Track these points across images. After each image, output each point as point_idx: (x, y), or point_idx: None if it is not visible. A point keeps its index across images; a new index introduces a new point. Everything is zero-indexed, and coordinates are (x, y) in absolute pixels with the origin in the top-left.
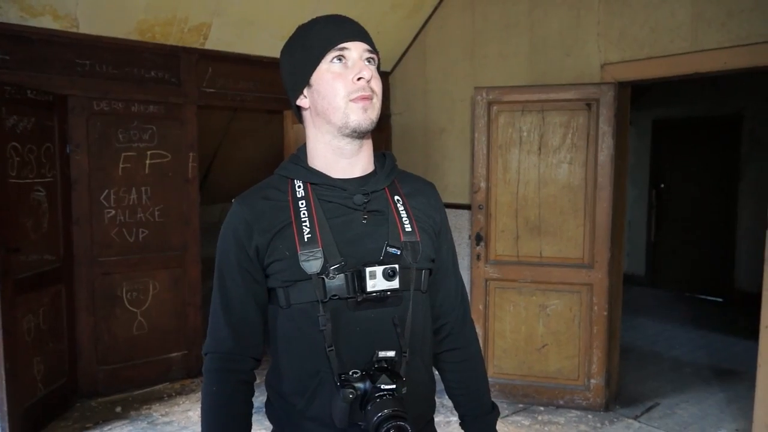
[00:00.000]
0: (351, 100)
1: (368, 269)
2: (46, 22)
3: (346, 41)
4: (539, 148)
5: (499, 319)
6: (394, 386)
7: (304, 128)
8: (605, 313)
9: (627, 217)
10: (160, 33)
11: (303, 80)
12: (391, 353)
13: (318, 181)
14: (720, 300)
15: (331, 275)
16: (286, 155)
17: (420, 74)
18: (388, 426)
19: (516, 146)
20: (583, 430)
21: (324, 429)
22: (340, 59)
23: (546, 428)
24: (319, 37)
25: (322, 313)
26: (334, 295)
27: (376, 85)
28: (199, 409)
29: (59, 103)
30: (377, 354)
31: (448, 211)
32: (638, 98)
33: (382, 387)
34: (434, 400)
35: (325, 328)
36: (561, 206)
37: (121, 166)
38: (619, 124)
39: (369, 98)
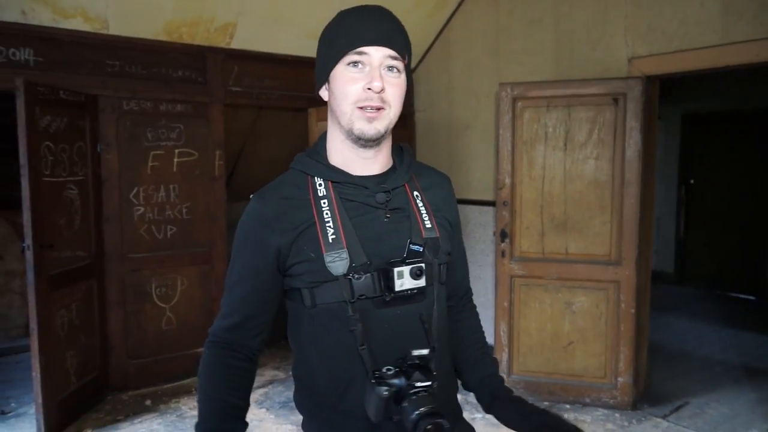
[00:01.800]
0: (358, 108)
1: (396, 269)
2: (77, 24)
3: (368, 45)
4: (565, 144)
5: (524, 316)
6: (429, 383)
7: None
8: (633, 311)
9: (655, 213)
10: (186, 33)
11: (324, 75)
12: (425, 351)
13: (340, 179)
14: (752, 298)
15: (357, 276)
16: None
17: (444, 71)
18: (427, 423)
19: (541, 142)
20: (610, 428)
21: (356, 422)
22: (356, 64)
23: None
24: (343, 35)
25: (351, 314)
26: (362, 295)
27: (393, 94)
28: None
29: (90, 103)
30: (411, 353)
31: (472, 207)
32: (668, 92)
33: (416, 384)
34: (457, 392)
35: (355, 328)
36: (587, 202)
37: (149, 164)
38: (647, 119)
39: (378, 108)
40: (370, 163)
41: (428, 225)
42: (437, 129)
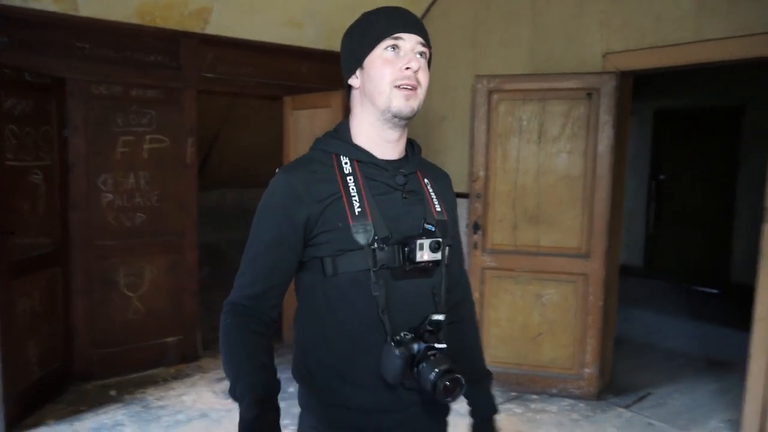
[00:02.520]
0: (395, 87)
1: (418, 241)
2: (46, 5)
3: (402, 32)
4: (539, 138)
5: (495, 307)
6: (444, 345)
7: (350, 107)
8: (601, 303)
9: (626, 207)
10: (160, 17)
11: (358, 61)
12: (441, 317)
13: (365, 159)
14: (716, 291)
15: (382, 246)
16: (285, 142)
17: None
18: (447, 379)
19: (516, 135)
20: (575, 418)
21: (364, 390)
22: (393, 48)
23: (538, 416)
24: (378, 25)
25: (374, 280)
26: (383, 265)
27: (423, 76)
28: (194, 393)
29: (57, 86)
30: (431, 317)
31: None
32: (640, 88)
33: (435, 346)
34: None
35: (378, 293)
36: (559, 196)
37: (119, 150)
38: (620, 114)
39: (413, 88)
40: (392, 148)
41: (438, 209)
42: (414, 120)
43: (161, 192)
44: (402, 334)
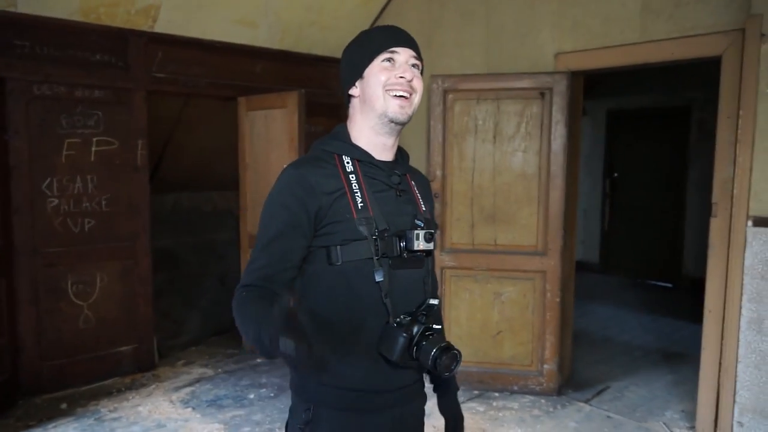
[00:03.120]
0: (392, 96)
1: (415, 232)
2: None
3: (398, 46)
4: (494, 137)
5: (455, 306)
6: (440, 326)
7: (349, 114)
8: (558, 300)
9: (582, 205)
10: (105, 14)
11: (358, 72)
12: (436, 301)
13: (365, 159)
14: (670, 285)
15: (383, 236)
16: (240, 143)
17: None
18: (447, 355)
19: (471, 135)
20: (535, 414)
21: (358, 372)
22: (390, 60)
23: (500, 414)
24: (376, 40)
25: (377, 267)
26: (384, 254)
27: (417, 83)
28: (150, 404)
29: None
30: (427, 301)
31: None
32: (593, 88)
33: (433, 326)
34: None
35: (381, 279)
36: (515, 194)
37: (64, 153)
38: (572, 113)
39: (407, 97)
40: (387, 151)
41: (424, 208)
42: None
43: (111, 196)
44: (401, 317)
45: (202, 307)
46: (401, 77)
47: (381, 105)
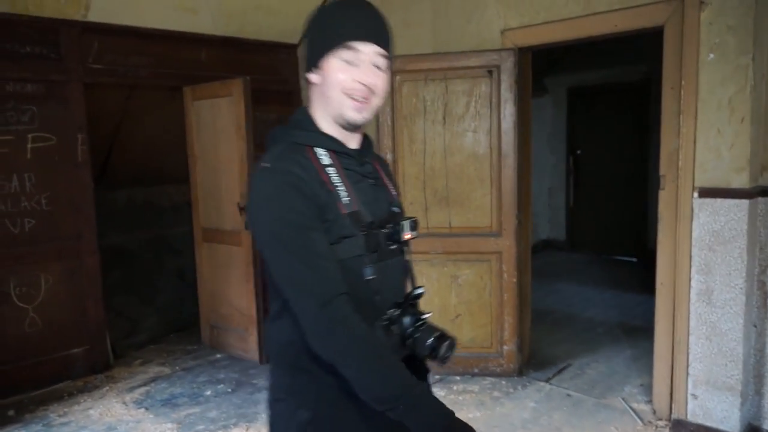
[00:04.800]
0: (348, 98)
1: (402, 222)
2: None
3: (360, 41)
4: (444, 118)
5: None
6: (429, 314)
7: (310, 98)
8: (515, 280)
9: (547, 183)
10: (33, 4)
11: (314, 60)
12: (422, 289)
13: (339, 149)
14: (634, 260)
15: (370, 231)
16: (188, 134)
17: None
18: (443, 342)
19: (421, 116)
20: (496, 396)
21: None
22: (348, 56)
23: (461, 398)
24: (338, 26)
25: (368, 264)
26: (374, 250)
27: (379, 86)
28: (102, 406)
29: None
30: (414, 291)
31: None
32: (553, 66)
33: (422, 317)
34: None
35: (372, 277)
36: (467, 175)
37: None
38: (521, 91)
39: (365, 100)
40: (354, 139)
41: (394, 193)
42: None
43: (51, 194)
44: (391, 311)
45: (161, 304)
46: (360, 82)
47: (336, 106)
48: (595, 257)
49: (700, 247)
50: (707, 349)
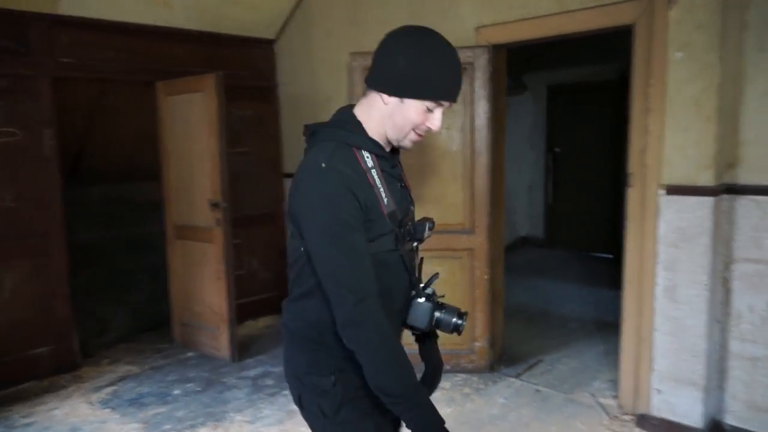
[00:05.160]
0: (414, 133)
1: (427, 224)
2: None
3: (449, 101)
4: None
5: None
6: (444, 295)
7: (365, 101)
8: (486, 277)
9: (527, 181)
10: None
11: (401, 93)
12: (437, 275)
13: (380, 153)
14: (610, 257)
15: (402, 229)
16: (160, 130)
17: (305, 42)
18: (464, 318)
19: None
20: (466, 392)
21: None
22: (432, 110)
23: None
24: (439, 82)
25: (401, 254)
26: (401, 244)
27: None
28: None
29: None
30: (438, 275)
31: None
32: (532, 63)
33: (440, 297)
34: None
35: (409, 264)
36: (441, 173)
37: None
38: (495, 88)
39: (422, 137)
40: (388, 144)
41: (412, 194)
42: (301, 102)
43: (17, 191)
44: (424, 291)
45: (133, 303)
46: (429, 127)
47: (400, 134)
48: (572, 254)
49: (666, 244)
50: (671, 345)
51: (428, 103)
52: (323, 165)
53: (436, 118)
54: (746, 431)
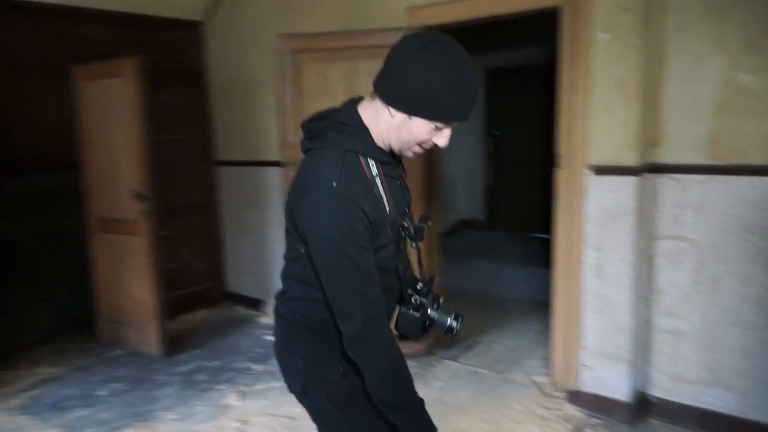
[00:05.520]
0: (418, 146)
1: (422, 225)
2: None
3: (461, 121)
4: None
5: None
6: (442, 297)
7: (372, 107)
8: (425, 262)
9: (467, 164)
10: None
11: (409, 110)
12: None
13: (384, 160)
14: (548, 237)
15: (402, 232)
16: (78, 117)
17: (236, 23)
18: (458, 320)
19: (326, 96)
20: None
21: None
22: (441, 126)
23: None
24: (450, 105)
25: (398, 262)
26: (399, 253)
27: None
28: None
29: None
30: (434, 278)
31: (266, 169)
32: (471, 47)
33: (440, 300)
34: None
35: (403, 275)
36: None
37: None
38: None
39: (425, 151)
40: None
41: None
42: (234, 86)
43: None
44: (414, 299)
45: (55, 301)
46: (437, 144)
47: (404, 146)
48: (513, 235)
49: (593, 224)
50: (599, 322)
51: (438, 123)
52: (335, 184)
53: (444, 136)
54: (671, 402)
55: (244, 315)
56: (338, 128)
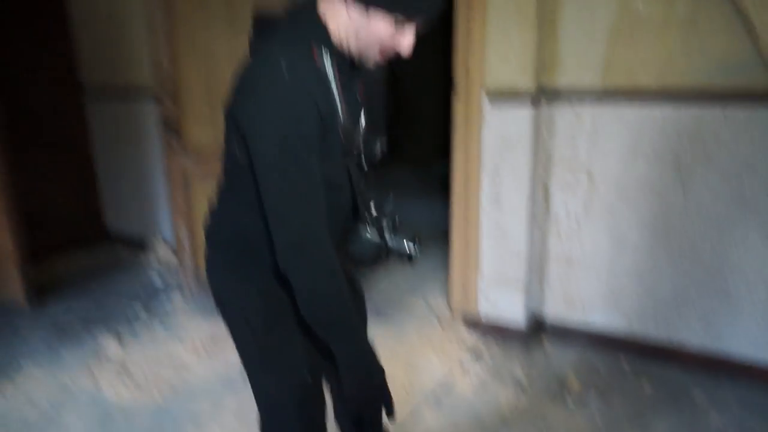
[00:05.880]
0: (379, 53)
1: (378, 140)
2: None
3: (422, 19)
4: (232, 21)
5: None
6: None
7: (328, 7)
8: None
9: None
10: None
11: (368, 4)
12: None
13: (341, 60)
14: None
15: (355, 144)
16: None
17: None
18: (417, 241)
19: (204, 18)
20: None
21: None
22: (403, 23)
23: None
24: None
25: (348, 176)
26: (349, 159)
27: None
28: None
29: None
30: (391, 196)
31: (139, 102)
32: None
33: (398, 221)
34: None
35: (356, 184)
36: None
37: None
38: None
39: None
40: None
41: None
42: (105, 7)
43: None
44: (370, 219)
45: None
46: (398, 52)
47: (363, 51)
48: (416, 169)
49: (490, 153)
50: (496, 250)
51: (399, 18)
52: (285, 69)
53: (406, 40)
54: (564, 326)
55: (126, 257)
56: (293, 25)
